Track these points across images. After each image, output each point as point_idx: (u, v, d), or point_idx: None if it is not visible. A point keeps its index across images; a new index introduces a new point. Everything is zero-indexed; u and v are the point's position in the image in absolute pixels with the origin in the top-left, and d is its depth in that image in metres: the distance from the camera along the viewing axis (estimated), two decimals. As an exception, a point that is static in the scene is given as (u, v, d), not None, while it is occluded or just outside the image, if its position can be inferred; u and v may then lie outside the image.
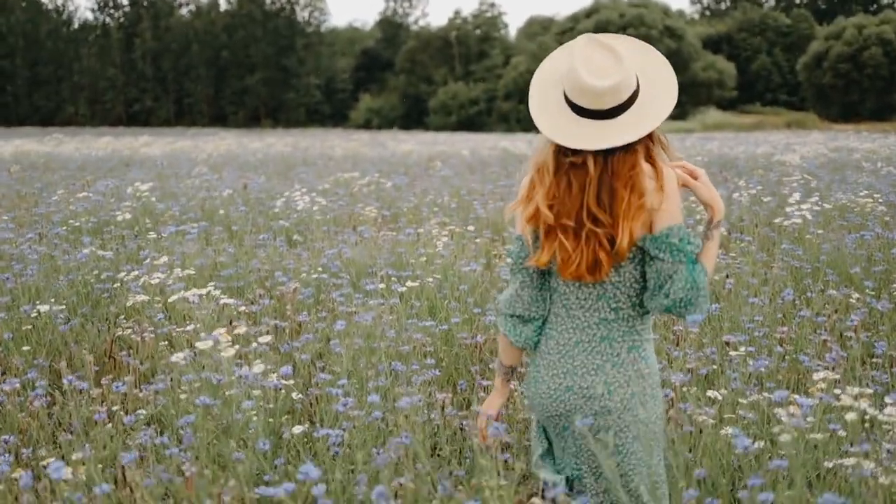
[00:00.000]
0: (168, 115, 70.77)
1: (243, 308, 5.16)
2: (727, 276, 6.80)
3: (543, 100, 2.67)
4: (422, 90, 66.39)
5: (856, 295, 6.02)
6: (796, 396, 3.26)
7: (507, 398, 3.13)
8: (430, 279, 6.40)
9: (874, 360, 5.03)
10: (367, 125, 63.31)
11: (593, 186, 2.56)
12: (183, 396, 3.72)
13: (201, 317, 4.37)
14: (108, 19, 75.27)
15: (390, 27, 76.67)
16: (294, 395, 3.98)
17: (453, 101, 62.77)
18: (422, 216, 9.48)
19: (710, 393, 4.29)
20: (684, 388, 4.65)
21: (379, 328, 4.86)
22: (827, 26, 68.99)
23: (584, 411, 2.69)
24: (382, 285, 5.41)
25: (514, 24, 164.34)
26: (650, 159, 2.62)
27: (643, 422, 2.70)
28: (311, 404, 4.20)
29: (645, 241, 2.59)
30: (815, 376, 3.70)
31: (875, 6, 78.48)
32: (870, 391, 3.38)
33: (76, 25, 75.85)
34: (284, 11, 73.04)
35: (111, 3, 75.46)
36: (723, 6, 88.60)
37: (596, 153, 2.57)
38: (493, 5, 73.36)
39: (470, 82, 64.60)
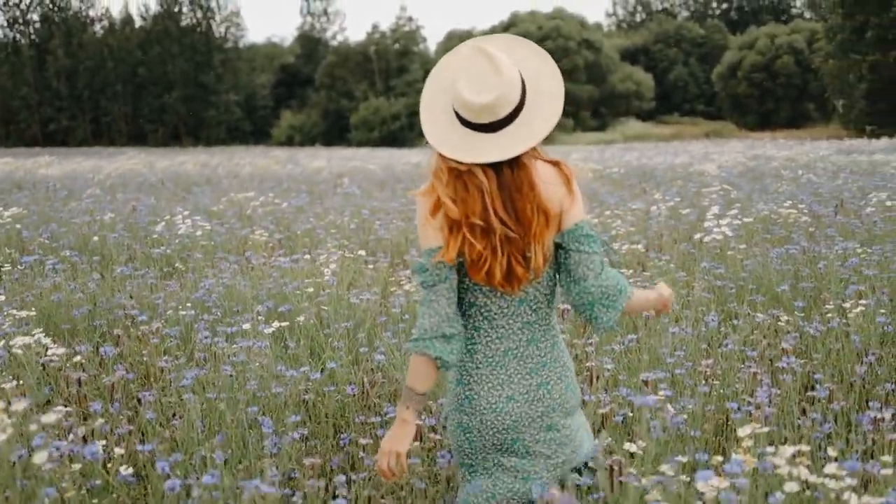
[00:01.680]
0: (85, 135, 68.89)
1: (79, 358, 4.40)
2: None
3: (432, 106, 2.64)
4: (343, 106, 65.68)
5: (785, 317, 5.49)
6: (724, 465, 2.64)
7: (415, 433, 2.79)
8: (321, 310, 5.70)
9: (810, 393, 4.48)
10: (289, 142, 62.44)
11: (496, 198, 2.54)
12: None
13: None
14: (18, 36, 73.09)
15: (309, 42, 75.82)
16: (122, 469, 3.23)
17: (375, 116, 62.16)
18: (318, 239, 8.75)
19: (627, 446, 3.69)
20: (596, 441, 4.03)
21: (243, 375, 4.15)
22: (740, 36, 70.08)
23: (531, 416, 2.69)
24: (247, 327, 4.67)
25: (433, 38, 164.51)
26: (548, 161, 2.63)
27: (579, 409, 2.84)
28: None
29: (562, 237, 2.61)
30: (742, 432, 3.11)
31: (786, 16, 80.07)
32: (806, 448, 2.81)
33: (-16, 43, 73.57)
34: (201, 27, 71.72)
35: (21, 20, 73.33)
36: (638, 18, 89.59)
37: (483, 164, 2.54)
38: (410, 19, 73.01)
39: (391, 97, 64.07)
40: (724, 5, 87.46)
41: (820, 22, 60.10)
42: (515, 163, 2.55)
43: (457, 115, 2.57)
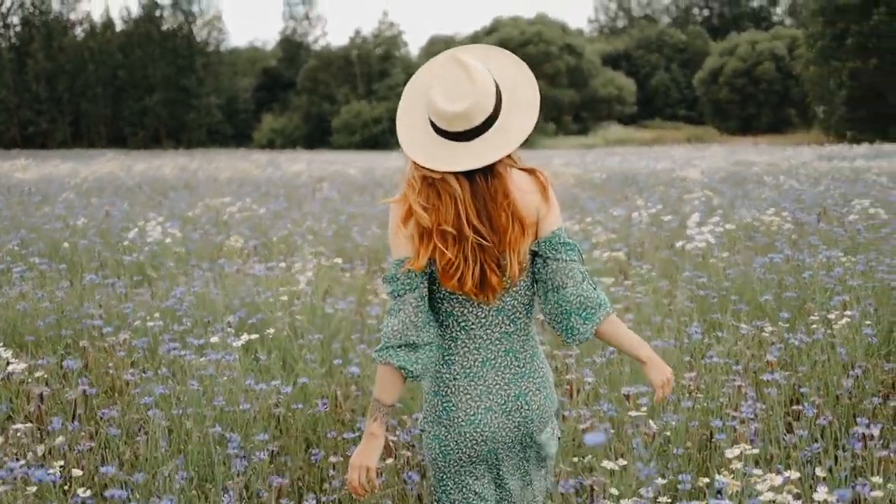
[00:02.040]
0: (65, 137, 68.36)
1: (41, 373, 4.23)
2: (626, 310, 6.09)
3: (408, 115, 2.63)
4: (324, 109, 65.43)
5: (769, 328, 5.37)
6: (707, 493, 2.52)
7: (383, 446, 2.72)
8: (295, 320, 5.55)
9: (796, 407, 4.36)
10: (270, 145, 62.08)
11: (469, 207, 2.52)
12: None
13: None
14: (-2, 38, 72.61)
15: (291, 46, 75.57)
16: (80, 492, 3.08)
17: (356, 119, 61.97)
18: (295, 245, 8.58)
19: (606, 463, 3.56)
20: (576, 459, 3.91)
21: (212, 389, 4.00)
22: (721, 42, 70.34)
23: (508, 427, 2.65)
24: (216, 339, 4.51)
25: (415, 43, 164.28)
26: (528, 168, 2.61)
27: (555, 422, 2.79)
28: None
29: (539, 245, 2.58)
30: (729, 453, 2.98)
31: (766, 23, 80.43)
32: (796, 476, 2.69)
33: (-38, 46, 72.98)
34: (182, 31, 71.42)
35: (1, 23, 72.87)
36: (619, 24, 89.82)
37: (456, 173, 2.52)
38: (392, 24, 72.88)
39: (373, 101, 63.90)
40: (706, 12, 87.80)
41: (800, 29, 60.38)
42: (490, 171, 2.54)
43: (432, 123, 2.55)
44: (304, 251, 7.66)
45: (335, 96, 65.99)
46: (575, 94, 64.58)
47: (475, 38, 66.74)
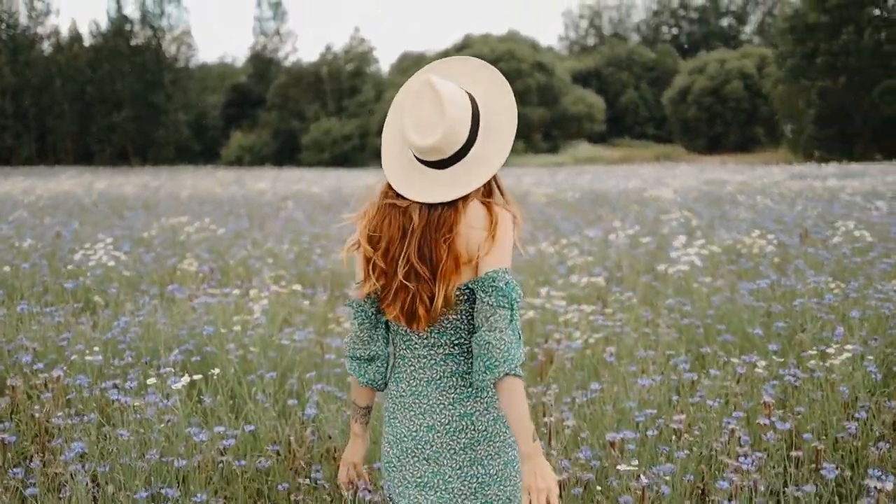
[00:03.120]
0: (30, 153, 67.41)
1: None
2: (607, 341, 5.68)
3: (392, 134, 2.66)
4: (294, 126, 64.92)
5: (762, 362, 4.97)
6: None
7: (368, 444, 2.92)
8: (248, 353, 5.09)
9: (795, 453, 3.97)
10: (238, 162, 61.55)
11: (415, 239, 2.52)
12: None
13: None
14: (-38, 53, 71.63)
15: (261, 63, 75.04)
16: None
17: (326, 136, 61.52)
18: (254, 269, 8.09)
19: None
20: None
21: (147, 438, 3.53)
22: (690, 61, 70.60)
23: (454, 447, 2.60)
24: (153, 381, 4.02)
25: (386, 59, 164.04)
26: (486, 202, 2.56)
27: (511, 445, 2.65)
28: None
29: (475, 283, 2.52)
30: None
31: (735, 42, 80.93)
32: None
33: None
34: (151, 46, 70.77)
35: (-34, 37, 71.98)
36: (590, 41, 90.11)
37: (421, 203, 2.53)
38: (363, 41, 72.56)
39: (343, 118, 63.47)
40: (675, 30, 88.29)
41: (769, 48, 60.60)
42: (452, 204, 2.53)
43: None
44: (262, 276, 7.18)
45: (305, 113, 65.56)
46: (545, 112, 64.49)
47: (446, 55, 66.48)
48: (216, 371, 4.17)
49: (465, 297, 2.56)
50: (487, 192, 2.62)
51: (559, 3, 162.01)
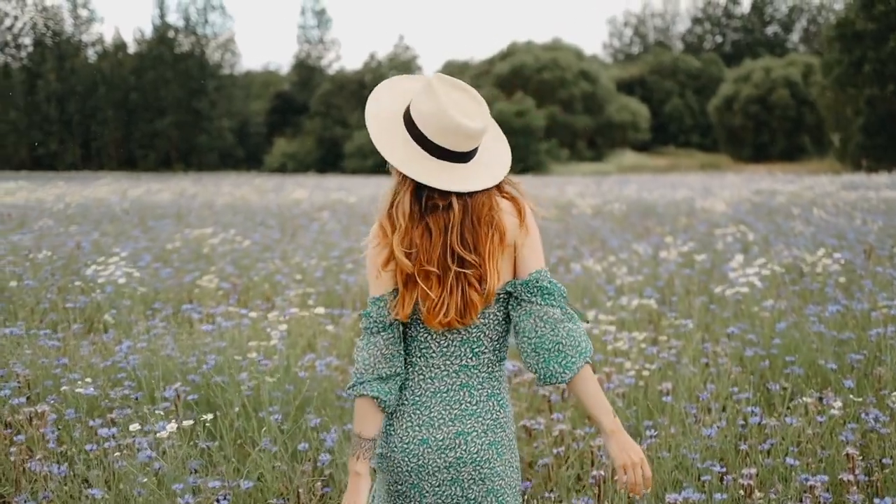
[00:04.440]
0: (75, 159, 68.16)
1: None
2: (662, 375, 5.09)
3: (390, 142, 2.53)
4: (337, 133, 64.84)
5: (837, 402, 4.36)
6: None
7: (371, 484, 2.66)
8: (262, 383, 4.57)
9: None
10: (282, 169, 61.60)
11: (457, 229, 2.46)
12: None
13: None
14: (9, 60, 72.57)
15: (305, 70, 75.19)
16: None
17: (369, 144, 61.15)
18: (279, 286, 7.57)
19: None
20: None
21: (130, 493, 3.02)
22: (735, 69, 69.67)
23: (438, 465, 2.52)
24: (135, 428, 3.51)
25: (430, 67, 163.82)
26: (505, 195, 2.54)
27: (500, 475, 2.57)
28: None
29: (515, 287, 2.51)
30: None
31: (780, 50, 79.79)
32: None
33: (-27, 66, 72.98)
34: (195, 53, 71.26)
35: (13, 44, 72.98)
36: (634, 50, 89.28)
37: (458, 195, 2.47)
38: (407, 48, 72.49)
39: (386, 125, 63.22)
40: (719, 38, 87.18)
41: (815, 56, 59.46)
42: (487, 189, 2.50)
43: (427, 147, 2.47)
44: (286, 294, 6.67)
45: (348, 120, 65.46)
46: (589, 120, 63.91)
47: (490, 63, 66.28)
48: (211, 416, 3.64)
49: (502, 299, 2.54)
50: (499, 189, 2.55)
51: (603, 11, 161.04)
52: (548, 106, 60.28)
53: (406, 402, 2.56)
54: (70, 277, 7.60)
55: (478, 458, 2.52)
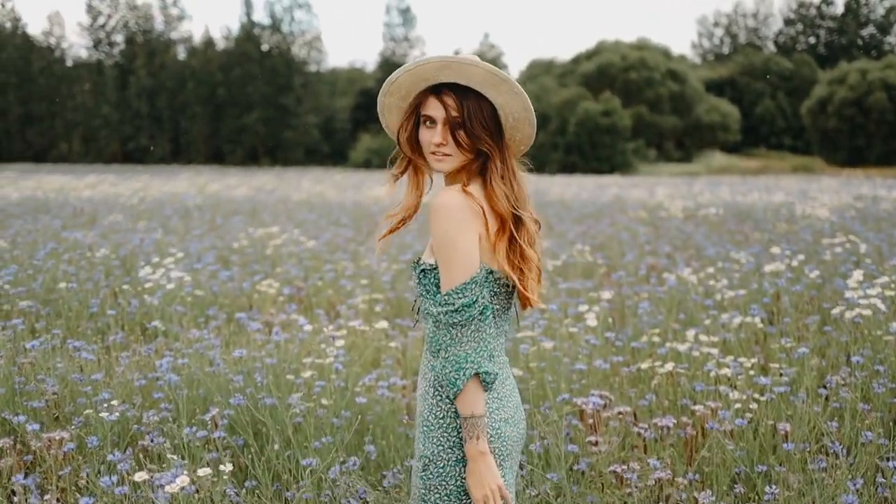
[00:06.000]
0: (164, 153, 69.66)
1: None
2: (773, 411, 4.36)
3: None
4: (422, 129, 64.82)
5: None
6: None
7: None
8: (318, 406, 4.01)
9: None
10: (366, 165, 61.83)
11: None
12: None
13: None
14: (102, 57, 74.47)
15: (390, 67, 75.35)
16: None
17: (452, 142, 60.98)
18: (345, 291, 7.00)
19: None
20: None
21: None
22: (830, 71, 67.65)
23: (522, 437, 2.63)
24: (141, 475, 2.95)
25: (515, 65, 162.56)
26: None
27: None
28: None
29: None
30: None
31: (877, 51, 77.27)
32: None
33: (70, 63, 74.79)
34: (281, 50, 72.15)
35: (106, 41, 74.92)
36: (725, 50, 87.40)
37: None
38: (493, 46, 72.08)
39: (471, 122, 62.85)
40: (812, 39, 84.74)
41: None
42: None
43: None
44: (350, 302, 6.09)
45: (433, 116, 65.44)
46: (678, 121, 62.63)
47: (576, 62, 65.50)
48: (235, 463, 3.08)
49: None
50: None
51: (693, 11, 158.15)
52: (634, 106, 59.21)
53: (506, 378, 2.59)
54: (124, 279, 7.12)
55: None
